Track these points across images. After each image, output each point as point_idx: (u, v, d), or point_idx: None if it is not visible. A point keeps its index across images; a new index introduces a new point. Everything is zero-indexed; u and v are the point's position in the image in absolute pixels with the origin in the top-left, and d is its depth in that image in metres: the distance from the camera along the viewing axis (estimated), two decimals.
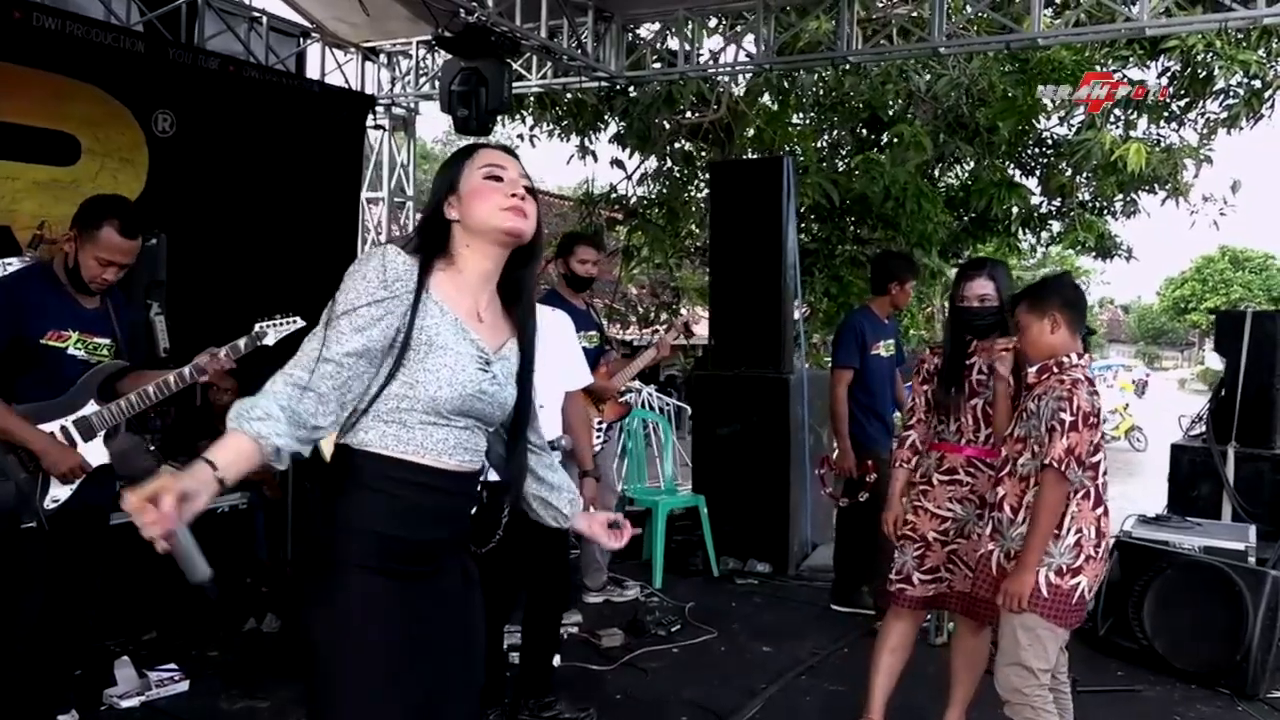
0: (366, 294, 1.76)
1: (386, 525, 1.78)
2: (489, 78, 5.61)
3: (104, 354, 3.22)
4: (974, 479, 3.36)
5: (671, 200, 9.66)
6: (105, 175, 5.63)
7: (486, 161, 1.88)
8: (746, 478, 6.17)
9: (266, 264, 6.33)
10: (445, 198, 1.87)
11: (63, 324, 3.12)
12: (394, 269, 1.77)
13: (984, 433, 3.36)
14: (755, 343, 6.23)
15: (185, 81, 6.03)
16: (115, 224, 3.11)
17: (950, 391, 3.39)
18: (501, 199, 1.84)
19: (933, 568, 3.39)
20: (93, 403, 3.18)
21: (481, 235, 1.85)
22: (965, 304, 3.41)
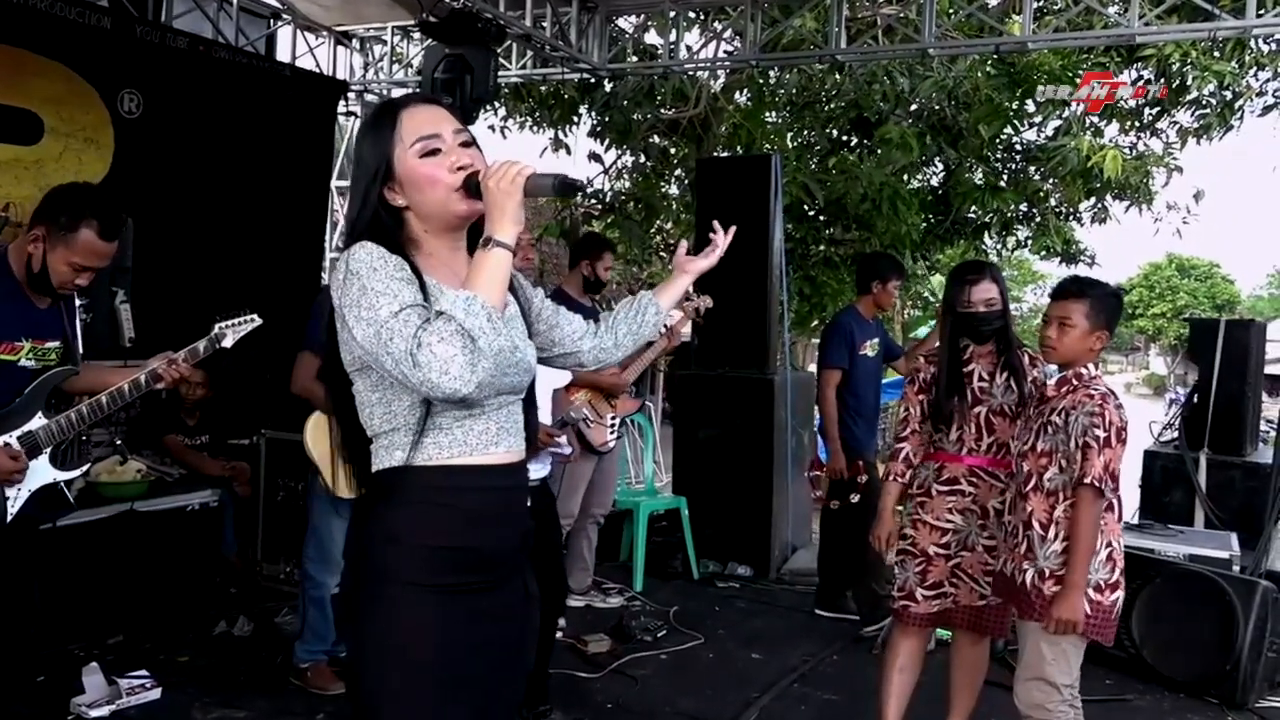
0: (389, 275, 1.61)
1: (439, 538, 1.66)
2: (475, 65, 5.47)
3: (52, 359, 2.95)
4: (976, 489, 3.28)
5: (648, 195, 9.56)
6: (69, 156, 5.39)
7: (417, 134, 1.70)
8: (729, 480, 6.10)
9: (234, 251, 6.14)
10: (382, 186, 1.71)
11: (15, 333, 2.84)
12: (391, 259, 1.64)
13: (986, 441, 3.27)
14: (740, 343, 6.16)
15: (153, 61, 5.79)
16: (95, 226, 2.80)
17: (954, 400, 3.30)
18: (449, 178, 1.69)
19: (936, 583, 3.29)
20: (39, 416, 2.91)
21: (437, 220, 1.74)
22: (971, 309, 3.30)
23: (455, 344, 1.53)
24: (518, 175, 1.63)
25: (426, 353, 1.52)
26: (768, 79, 9.36)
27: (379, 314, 1.56)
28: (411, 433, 1.66)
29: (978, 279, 3.33)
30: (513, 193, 1.63)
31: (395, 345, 1.54)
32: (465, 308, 1.55)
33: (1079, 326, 2.88)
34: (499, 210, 1.64)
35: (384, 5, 6.93)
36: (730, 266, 6.17)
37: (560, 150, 9.56)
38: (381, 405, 1.68)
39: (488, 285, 1.60)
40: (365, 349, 1.59)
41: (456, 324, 1.53)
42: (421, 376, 1.53)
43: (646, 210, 9.56)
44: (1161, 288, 47.71)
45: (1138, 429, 6.25)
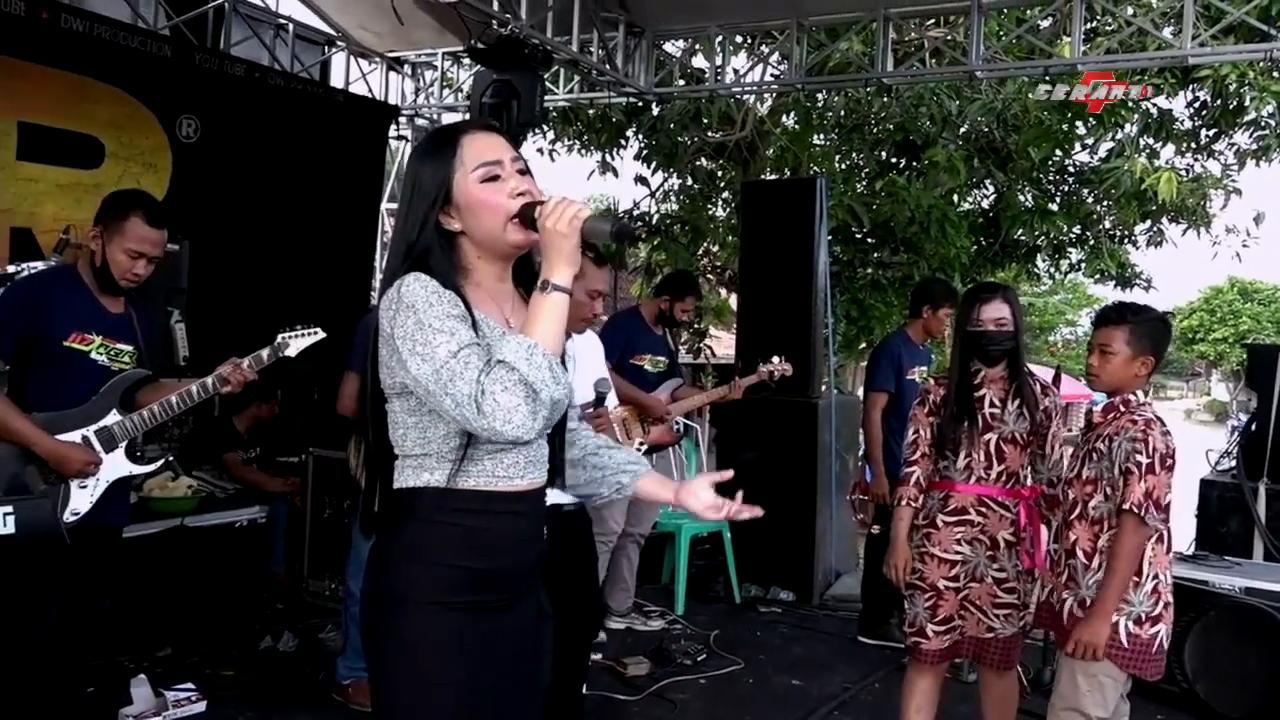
0: (445, 311, 1.65)
1: (459, 558, 1.70)
2: (521, 90, 5.54)
3: (125, 361, 3.13)
4: (985, 519, 3.18)
5: (694, 218, 9.60)
6: (128, 179, 5.56)
7: (478, 160, 1.73)
8: (772, 503, 5.98)
9: (286, 272, 6.28)
10: (440, 210, 1.74)
11: (87, 326, 3.04)
12: (445, 294, 1.66)
13: (996, 469, 3.18)
14: None
15: (210, 87, 5.97)
16: (141, 214, 3.05)
17: (963, 424, 3.20)
18: (508, 204, 1.72)
19: (946, 618, 3.19)
20: (115, 412, 3.09)
21: (490, 248, 1.77)
22: (980, 328, 3.23)
23: (518, 394, 1.58)
24: (574, 218, 1.65)
25: (490, 401, 1.57)
26: (815, 102, 9.36)
27: (437, 353, 1.60)
28: (444, 460, 1.70)
29: (989, 298, 3.27)
30: (570, 235, 1.66)
31: (458, 388, 1.58)
32: (528, 358, 1.59)
33: (1120, 353, 2.84)
34: (555, 252, 1.67)
35: (435, 31, 7.07)
36: (774, 289, 6.28)
37: (608, 173, 9.67)
38: (417, 430, 1.72)
39: (545, 331, 1.64)
40: (423, 386, 1.62)
41: (519, 375, 1.58)
42: (485, 424, 1.58)
43: (693, 233, 9.60)
44: (1223, 312, 46.57)
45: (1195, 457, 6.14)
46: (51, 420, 2.99)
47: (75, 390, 3.03)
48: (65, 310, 3.01)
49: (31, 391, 2.99)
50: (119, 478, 3.12)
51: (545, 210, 1.67)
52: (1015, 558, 3.18)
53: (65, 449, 2.97)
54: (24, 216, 5.19)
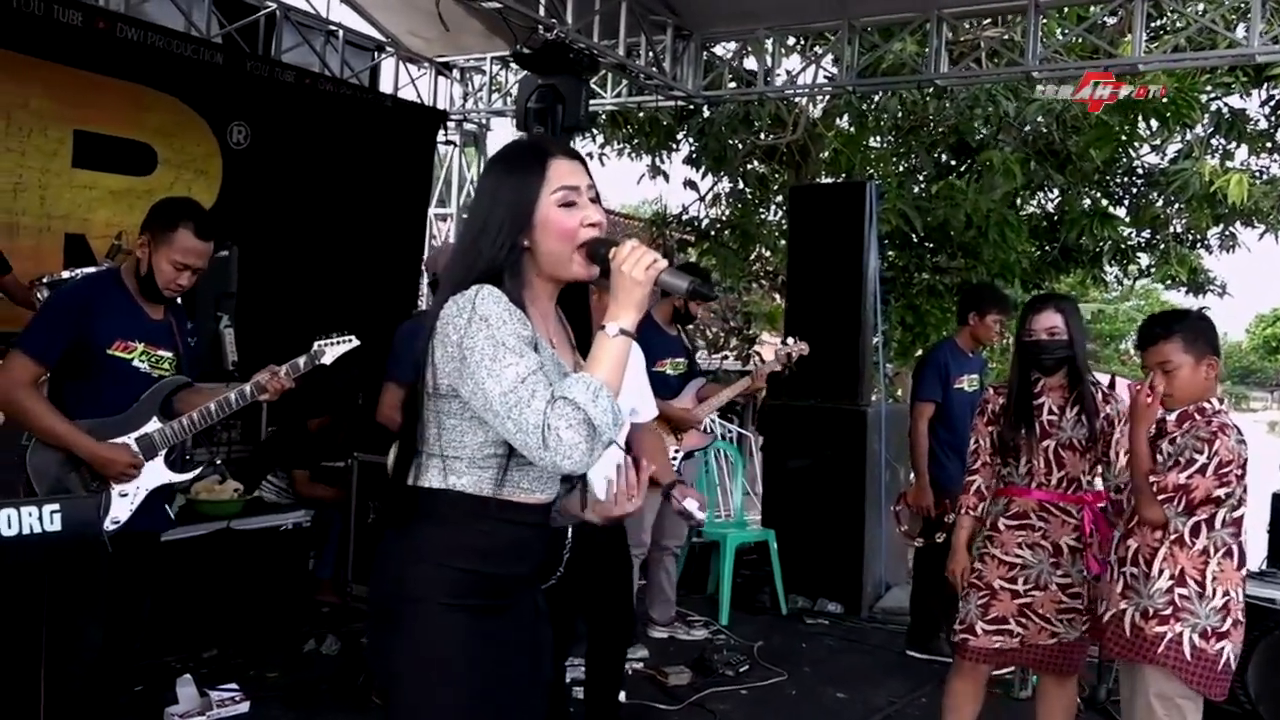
0: (515, 332, 1.71)
1: (472, 562, 1.78)
2: (566, 95, 5.64)
3: (166, 368, 3.20)
4: (1046, 524, 3.28)
5: (744, 223, 9.64)
6: (180, 186, 5.76)
7: (559, 183, 1.80)
8: (819, 513, 6.08)
9: (335, 277, 6.44)
10: (521, 230, 1.80)
11: (129, 334, 3.11)
12: (515, 313, 1.73)
13: (1056, 475, 3.28)
14: (832, 373, 6.15)
15: (261, 94, 6.17)
16: (191, 225, 3.11)
17: (1021, 431, 3.32)
18: (582, 232, 1.80)
19: (998, 618, 3.27)
20: (155, 419, 3.17)
21: (552, 271, 1.84)
22: (1032, 338, 3.33)
23: (581, 432, 1.65)
24: (652, 267, 1.73)
25: (554, 437, 1.64)
26: (870, 103, 9.35)
27: (506, 374, 1.67)
28: (474, 465, 1.78)
29: (1041, 308, 3.36)
30: (645, 284, 1.73)
31: (525, 417, 1.65)
32: (594, 400, 1.66)
33: (1183, 364, 2.80)
34: (626, 296, 1.74)
35: (482, 36, 7.20)
36: (823, 295, 6.30)
37: (658, 177, 9.75)
38: (454, 432, 1.78)
39: (610, 372, 1.72)
40: (485, 403, 1.69)
41: (585, 415, 1.65)
42: (546, 456, 1.66)
43: (742, 237, 9.62)
44: None
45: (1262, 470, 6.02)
46: (93, 428, 3.07)
47: (117, 398, 3.12)
48: (110, 317, 3.08)
49: (72, 400, 3.06)
50: (158, 485, 3.20)
51: (621, 254, 1.74)
52: (1080, 563, 3.23)
53: (108, 451, 3.06)
54: (78, 223, 5.41)
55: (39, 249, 5.26)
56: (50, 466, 3.05)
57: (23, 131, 5.19)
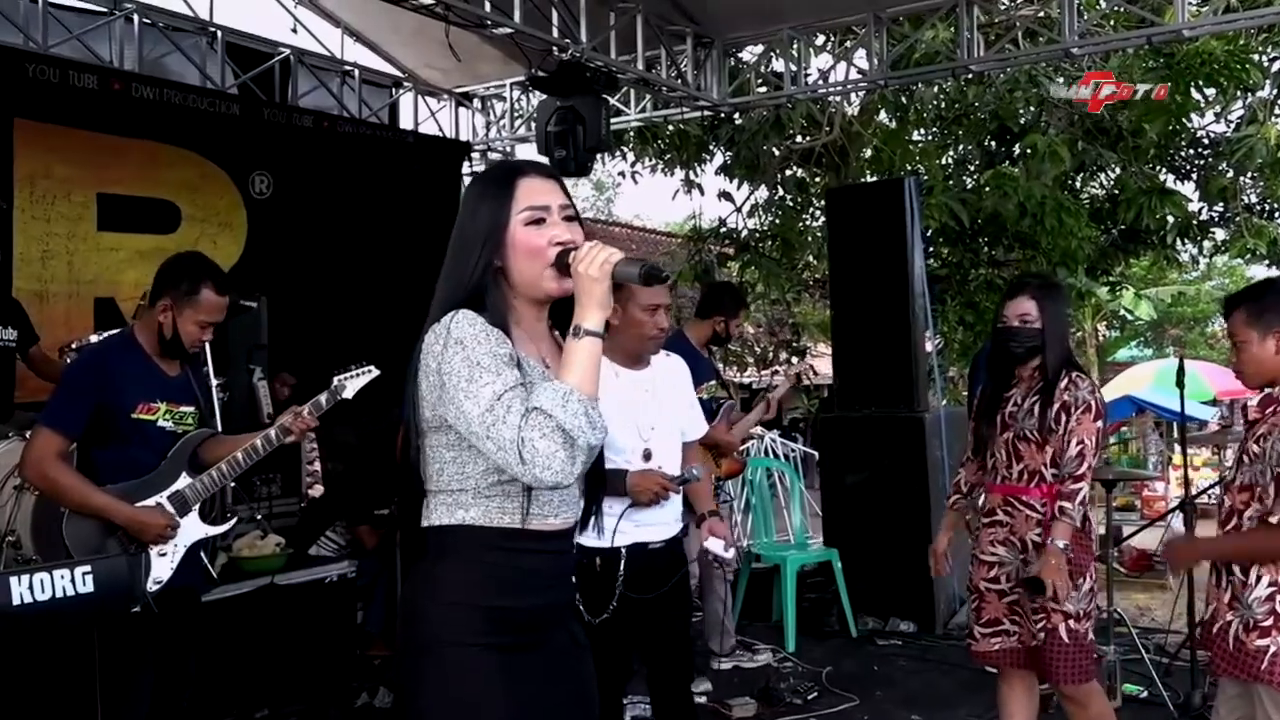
0: (492, 351, 1.77)
1: (493, 597, 1.81)
2: (585, 115, 5.73)
3: (189, 423, 3.35)
4: (1011, 519, 3.31)
5: (785, 231, 9.65)
6: (205, 241, 5.95)
7: (527, 202, 1.86)
8: (883, 528, 6.05)
9: (366, 321, 6.53)
10: (494, 249, 1.86)
11: (151, 395, 3.25)
12: (493, 333, 1.79)
13: (1016, 468, 3.30)
14: (884, 380, 6.14)
15: (280, 141, 6.35)
16: (212, 285, 3.27)
17: (981, 424, 3.42)
18: (548, 251, 1.85)
19: (992, 619, 3.34)
20: (185, 475, 3.30)
21: (527, 291, 1.89)
22: (1005, 324, 3.34)
23: (556, 440, 1.69)
24: (605, 262, 1.78)
25: (530, 449, 1.69)
26: (912, 95, 9.33)
27: (483, 393, 1.72)
28: (480, 496, 1.82)
29: (1016, 294, 3.38)
30: (601, 279, 1.78)
31: (501, 434, 1.70)
32: (563, 405, 1.70)
33: (1250, 339, 2.73)
34: (587, 296, 1.79)
35: (500, 62, 7.34)
36: (868, 300, 6.29)
37: (692, 191, 9.80)
38: (455, 465, 1.84)
39: (581, 376, 1.76)
40: (467, 426, 1.75)
41: (556, 422, 1.69)
42: (524, 470, 1.70)
43: (784, 246, 9.63)
44: None
45: None
46: (124, 492, 3.20)
47: (145, 460, 3.25)
48: (130, 381, 3.22)
49: (102, 466, 3.20)
50: (196, 540, 3.32)
51: (578, 256, 1.80)
52: None
53: (142, 515, 3.18)
54: (107, 286, 5.61)
55: (69, 315, 5.47)
56: (88, 536, 3.18)
57: (47, 199, 5.42)
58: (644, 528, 3.20)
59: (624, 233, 19.29)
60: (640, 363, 3.35)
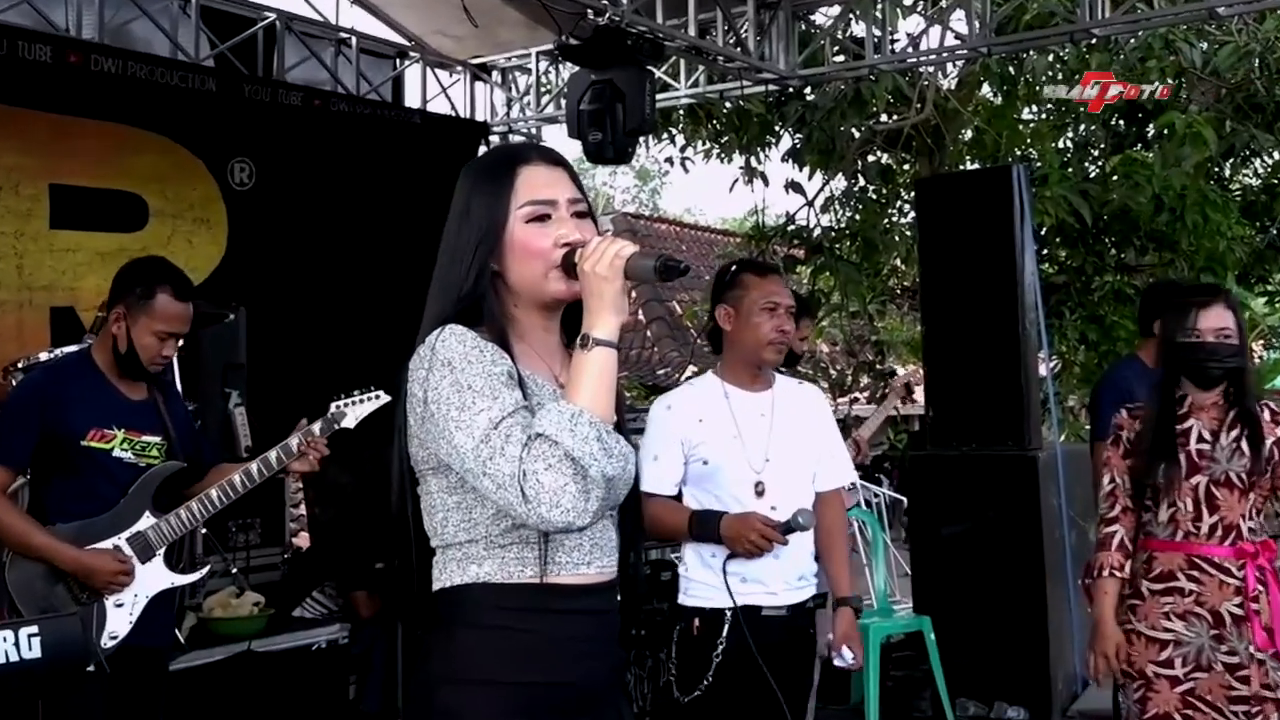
0: (485, 370, 1.77)
1: (519, 672, 1.80)
2: (626, 91, 5.75)
3: (154, 455, 3.41)
4: (1200, 586, 3.19)
5: (867, 229, 9.62)
6: (178, 239, 6.03)
7: (530, 196, 1.89)
8: (987, 591, 5.98)
9: (366, 334, 6.56)
10: (489, 254, 1.88)
11: (106, 420, 3.33)
12: (487, 349, 1.80)
13: (1208, 522, 3.19)
14: (988, 411, 6.08)
15: (264, 122, 6.43)
16: (169, 289, 3.35)
17: (1158, 465, 3.25)
18: (552, 252, 1.87)
19: (1163, 715, 3.18)
20: (148, 515, 3.36)
21: (530, 297, 1.92)
22: (1195, 339, 3.25)
23: (564, 472, 1.69)
24: (616, 257, 1.78)
25: (534, 483, 1.68)
26: (1020, 65, 9.29)
27: (477, 421, 1.73)
28: (494, 546, 1.82)
29: (1208, 303, 3.30)
30: (612, 278, 1.78)
31: (499, 468, 1.70)
32: (571, 429, 1.70)
33: None
34: (597, 299, 1.79)
35: (525, 27, 7.38)
36: (968, 312, 6.25)
37: (754, 181, 9.81)
38: (460, 511, 1.84)
39: (592, 395, 1.76)
40: (461, 461, 1.75)
41: (563, 450, 1.69)
42: (529, 510, 1.70)
43: (865, 247, 9.60)
44: None
45: None
46: (79, 531, 3.27)
47: (102, 495, 3.32)
48: (81, 404, 3.30)
49: (58, 499, 3.29)
50: (160, 591, 3.38)
51: (584, 253, 1.81)
52: (1248, 635, 3.13)
53: (89, 559, 3.25)
54: (64, 293, 5.69)
55: (22, 327, 5.54)
56: (32, 582, 3.26)
57: None
58: (753, 585, 3.17)
59: (671, 230, 19.35)
60: (757, 381, 3.35)
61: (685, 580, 3.30)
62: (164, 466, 3.41)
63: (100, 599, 3.28)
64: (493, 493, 1.73)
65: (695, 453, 3.26)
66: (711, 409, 3.30)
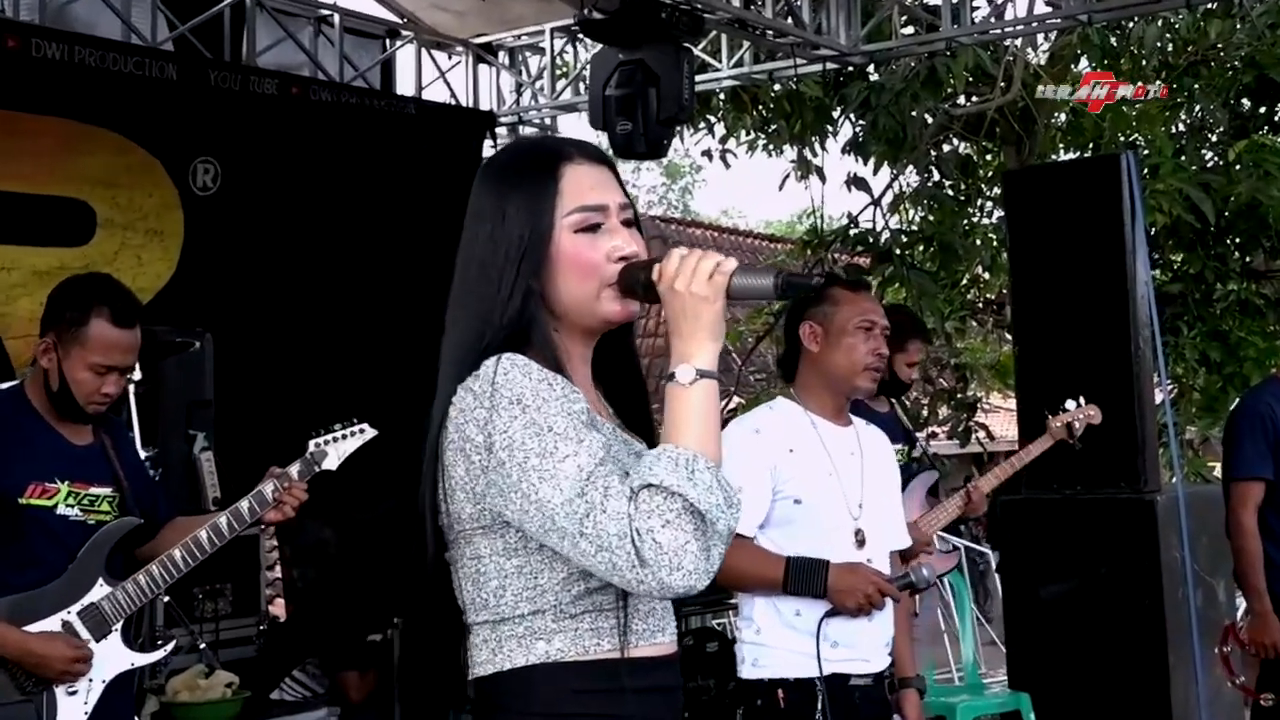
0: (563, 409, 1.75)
1: None
2: (661, 73, 5.73)
3: (104, 510, 3.37)
4: None
5: (944, 232, 9.57)
6: (126, 254, 6.04)
7: (579, 202, 1.86)
8: (1096, 663, 5.90)
9: (348, 360, 6.58)
10: (535, 270, 1.86)
11: (47, 471, 3.28)
12: (557, 382, 1.77)
13: None
14: (1096, 446, 5.98)
15: (232, 114, 6.44)
16: (106, 314, 3.27)
17: None
18: (606, 268, 1.85)
19: None
20: (102, 583, 3.30)
21: (576, 319, 1.90)
22: None
23: (685, 528, 1.66)
24: (717, 273, 1.76)
25: (651, 544, 1.65)
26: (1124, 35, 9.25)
27: (563, 471, 1.69)
28: (563, 616, 1.79)
29: None
30: (711, 299, 1.76)
31: (604, 527, 1.66)
32: (689, 477, 1.67)
33: None
34: (693, 323, 1.77)
35: (536, 1, 7.40)
36: (1067, 329, 6.19)
37: (809, 176, 9.77)
38: (522, 577, 1.80)
39: (701, 434, 1.74)
40: (546, 521, 1.71)
41: (684, 502, 1.66)
42: (644, 575, 1.66)
43: (943, 254, 9.55)
44: None
45: None
46: (18, 606, 3.21)
47: (46, 561, 3.27)
48: (16, 453, 3.25)
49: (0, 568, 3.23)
50: (118, 674, 3.33)
51: (669, 270, 1.77)
52: None
53: (38, 646, 3.19)
54: None
55: None
56: None
57: None
58: (843, 650, 3.15)
59: (708, 236, 19.33)
60: (842, 415, 3.36)
61: (753, 647, 3.24)
62: (118, 524, 3.36)
63: (50, 687, 3.22)
64: (591, 556, 1.69)
65: (785, 489, 3.21)
66: (802, 440, 3.27)
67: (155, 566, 3.31)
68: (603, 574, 1.70)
